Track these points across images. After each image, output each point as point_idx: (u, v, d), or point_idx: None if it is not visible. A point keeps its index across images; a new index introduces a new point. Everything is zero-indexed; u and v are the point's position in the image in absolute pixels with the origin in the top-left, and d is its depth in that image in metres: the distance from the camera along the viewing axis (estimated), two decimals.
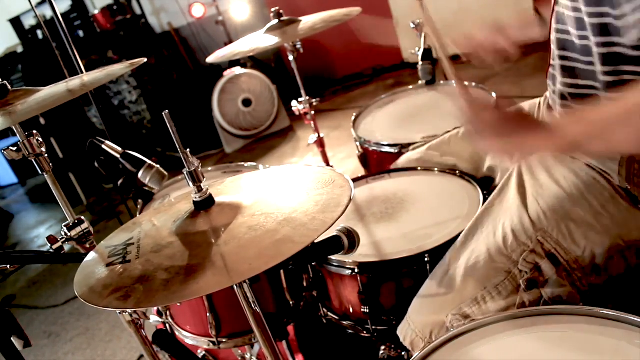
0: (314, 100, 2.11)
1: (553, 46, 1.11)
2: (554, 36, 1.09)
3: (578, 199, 1.07)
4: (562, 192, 1.09)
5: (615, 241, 1.03)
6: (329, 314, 1.41)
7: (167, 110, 0.82)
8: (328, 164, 2.35)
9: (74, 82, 1.18)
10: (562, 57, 1.08)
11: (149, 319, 1.52)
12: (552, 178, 1.13)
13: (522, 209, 1.11)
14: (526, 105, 1.49)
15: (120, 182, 1.78)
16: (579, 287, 1.04)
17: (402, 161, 1.66)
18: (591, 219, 1.05)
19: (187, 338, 1.53)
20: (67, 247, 1.17)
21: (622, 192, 1.05)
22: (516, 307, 1.04)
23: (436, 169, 1.53)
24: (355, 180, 1.63)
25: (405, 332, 1.15)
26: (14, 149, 1.14)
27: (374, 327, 1.29)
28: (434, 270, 1.17)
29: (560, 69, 1.10)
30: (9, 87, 1.16)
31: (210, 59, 1.83)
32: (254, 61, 4.79)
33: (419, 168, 1.56)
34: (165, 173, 1.55)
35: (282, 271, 1.45)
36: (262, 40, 1.77)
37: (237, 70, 4.45)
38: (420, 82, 2.15)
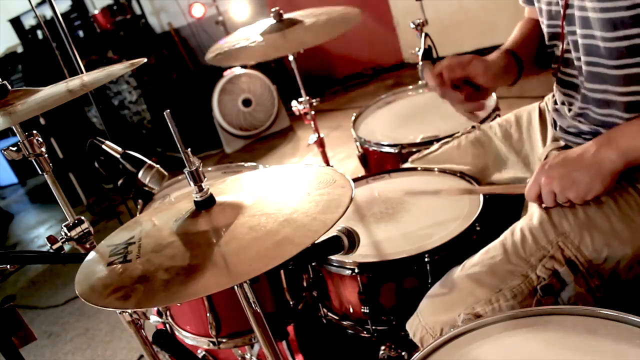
0: (314, 100, 2.11)
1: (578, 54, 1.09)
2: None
3: (603, 205, 1.04)
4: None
5: (639, 251, 1.00)
6: (329, 314, 1.41)
7: (168, 110, 0.82)
8: (328, 164, 2.35)
9: (74, 82, 1.18)
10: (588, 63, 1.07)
11: (149, 319, 1.52)
12: None
13: (542, 211, 1.07)
14: (524, 112, 1.47)
15: (120, 182, 1.78)
16: (595, 294, 1.02)
17: None
18: (615, 227, 1.01)
19: (187, 338, 1.53)
20: (67, 247, 1.17)
21: None
22: None
23: (436, 168, 1.53)
24: (355, 180, 1.63)
25: (415, 327, 1.11)
26: (14, 149, 1.14)
27: (374, 327, 1.29)
28: (450, 270, 1.14)
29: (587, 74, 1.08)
30: (9, 87, 1.16)
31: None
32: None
33: (419, 168, 1.56)
34: (165, 173, 1.55)
35: (282, 271, 1.45)
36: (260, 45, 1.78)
37: (237, 70, 4.45)
38: (420, 82, 2.15)
